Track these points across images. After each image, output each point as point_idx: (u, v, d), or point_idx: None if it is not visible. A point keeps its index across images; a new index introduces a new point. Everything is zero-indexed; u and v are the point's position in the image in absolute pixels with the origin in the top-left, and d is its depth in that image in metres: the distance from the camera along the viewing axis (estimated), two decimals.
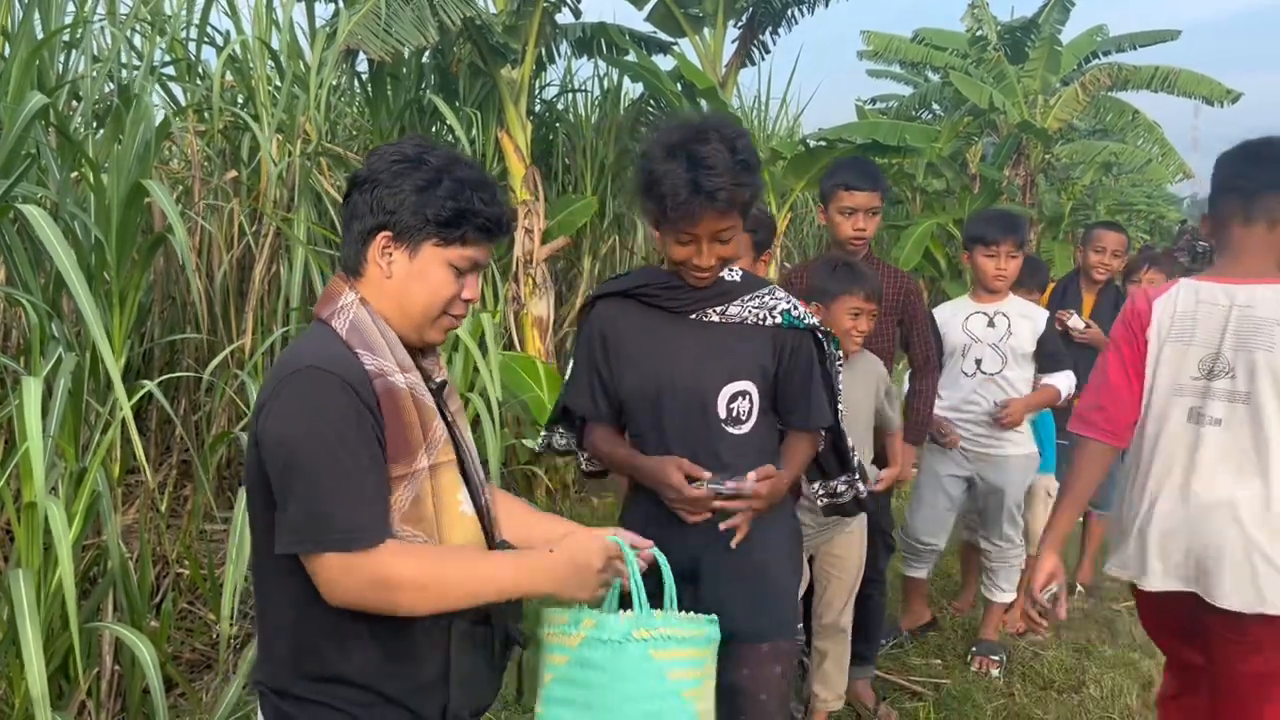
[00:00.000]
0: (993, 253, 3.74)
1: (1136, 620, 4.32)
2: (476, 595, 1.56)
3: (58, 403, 2.97)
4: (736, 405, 2.15)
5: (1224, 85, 11.92)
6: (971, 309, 3.87)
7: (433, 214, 1.58)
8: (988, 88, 10.54)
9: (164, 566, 3.89)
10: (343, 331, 1.58)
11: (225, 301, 4.60)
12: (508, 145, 6.02)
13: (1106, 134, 14.67)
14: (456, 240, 1.60)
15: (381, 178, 1.59)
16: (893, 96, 15.72)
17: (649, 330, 2.19)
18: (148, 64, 4.49)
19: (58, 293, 3.37)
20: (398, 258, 1.61)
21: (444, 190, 1.58)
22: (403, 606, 1.51)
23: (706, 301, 2.16)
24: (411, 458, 1.57)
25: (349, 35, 4.60)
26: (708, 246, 2.06)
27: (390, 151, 1.63)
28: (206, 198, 4.60)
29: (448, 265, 1.61)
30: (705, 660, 1.74)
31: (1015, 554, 3.92)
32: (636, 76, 7.07)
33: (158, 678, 2.67)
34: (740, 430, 2.17)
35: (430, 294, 1.62)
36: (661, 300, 2.18)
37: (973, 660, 3.89)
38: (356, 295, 1.62)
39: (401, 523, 1.55)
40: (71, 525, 2.72)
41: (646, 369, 2.18)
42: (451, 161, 1.62)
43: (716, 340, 2.16)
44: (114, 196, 3.29)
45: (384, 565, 1.49)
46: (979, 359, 3.80)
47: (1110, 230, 4.77)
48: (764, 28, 7.66)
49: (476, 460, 1.77)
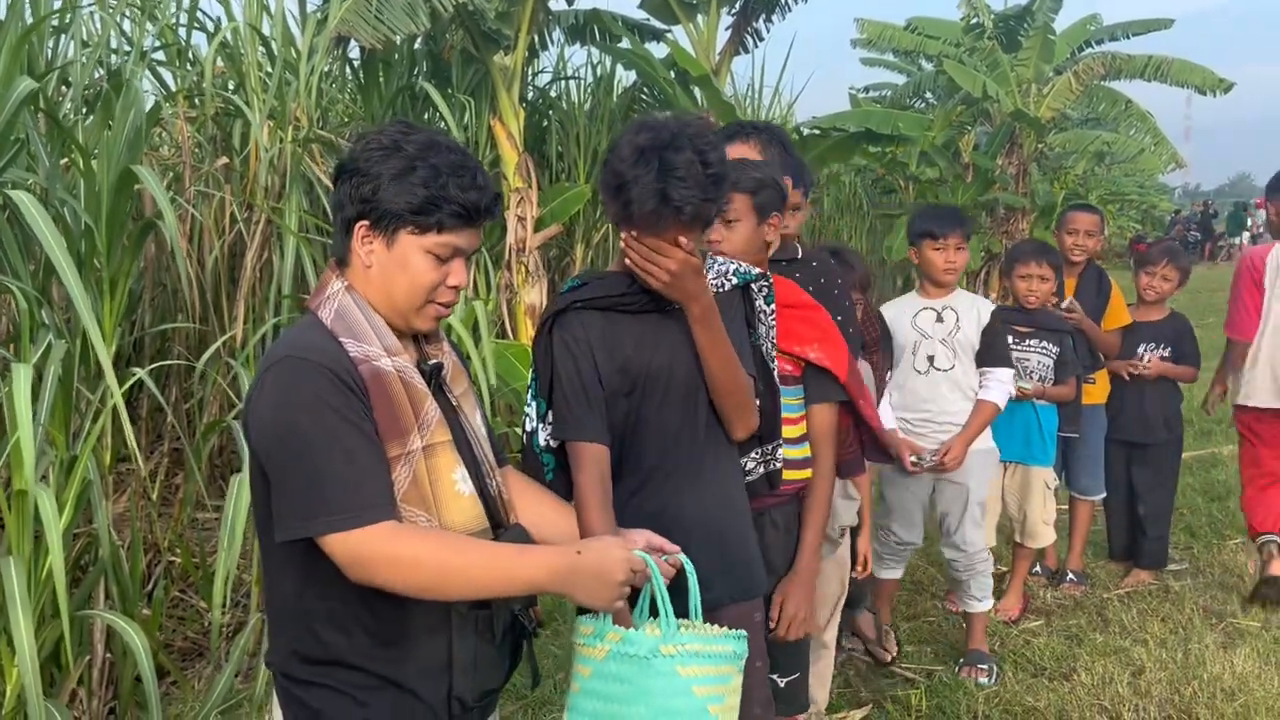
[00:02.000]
0: (941, 245, 3.68)
1: (1127, 608, 4.36)
2: (496, 585, 1.56)
3: (48, 390, 2.95)
4: None
5: (1216, 74, 11.93)
6: (919, 305, 3.77)
7: (405, 202, 1.57)
8: (981, 76, 10.52)
9: (155, 554, 3.88)
10: (328, 320, 1.60)
11: (217, 289, 4.58)
12: (500, 132, 6.00)
13: (1099, 123, 14.69)
14: (432, 228, 1.59)
15: (360, 166, 1.60)
16: (886, 85, 15.71)
17: (632, 333, 2.11)
18: (138, 49, 4.46)
19: (47, 279, 3.35)
20: (376, 247, 1.61)
21: (418, 177, 1.57)
22: (422, 587, 1.52)
23: None
24: (404, 439, 1.58)
25: (340, 22, 4.57)
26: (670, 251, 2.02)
27: (371, 139, 1.63)
28: (198, 184, 4.58)
29: (426, 253, 1.60)
30: (731, 676, 1.71)
31: (983, 562, 3.79)
32: (630, 64, 7.06)
33: (150, 665, 2.66)
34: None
35: (410, 282, 1.61)
36: (641, 305, 2.11)
37: (960, 670, 3.75)
38: (344, 284, 1.63)
39: (403, 502, 1.56)
40: (62, 513, 2.71)
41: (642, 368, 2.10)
42: (428, 147, 1.60)
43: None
44: (104, 182, 3.27)
45: (395, 544, 1.50)
46: (930, 355, 3.71)
47: (1082, 212, 4.74)
48: (757, 15, 7.64)
49: (484, 441, 1.77)
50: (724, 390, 2.08)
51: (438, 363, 1.72)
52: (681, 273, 1.95)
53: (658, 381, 2.10)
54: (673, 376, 2.10)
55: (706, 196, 1.93)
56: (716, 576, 2.12)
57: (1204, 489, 6.06)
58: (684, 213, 1.92)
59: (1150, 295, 4.75)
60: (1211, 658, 3.77)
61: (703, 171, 1.92)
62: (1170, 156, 12.67)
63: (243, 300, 4.43)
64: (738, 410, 2.11)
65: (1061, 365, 4.12)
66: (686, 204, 1.91)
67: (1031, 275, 4.13)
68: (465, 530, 1.62)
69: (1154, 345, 4.68)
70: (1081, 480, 4.68)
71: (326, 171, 4.92)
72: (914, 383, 3.74)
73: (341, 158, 1.67)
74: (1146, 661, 3.77)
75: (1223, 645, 3.93)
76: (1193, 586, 4.58)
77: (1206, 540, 5.19)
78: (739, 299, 2.23)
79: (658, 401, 2.11)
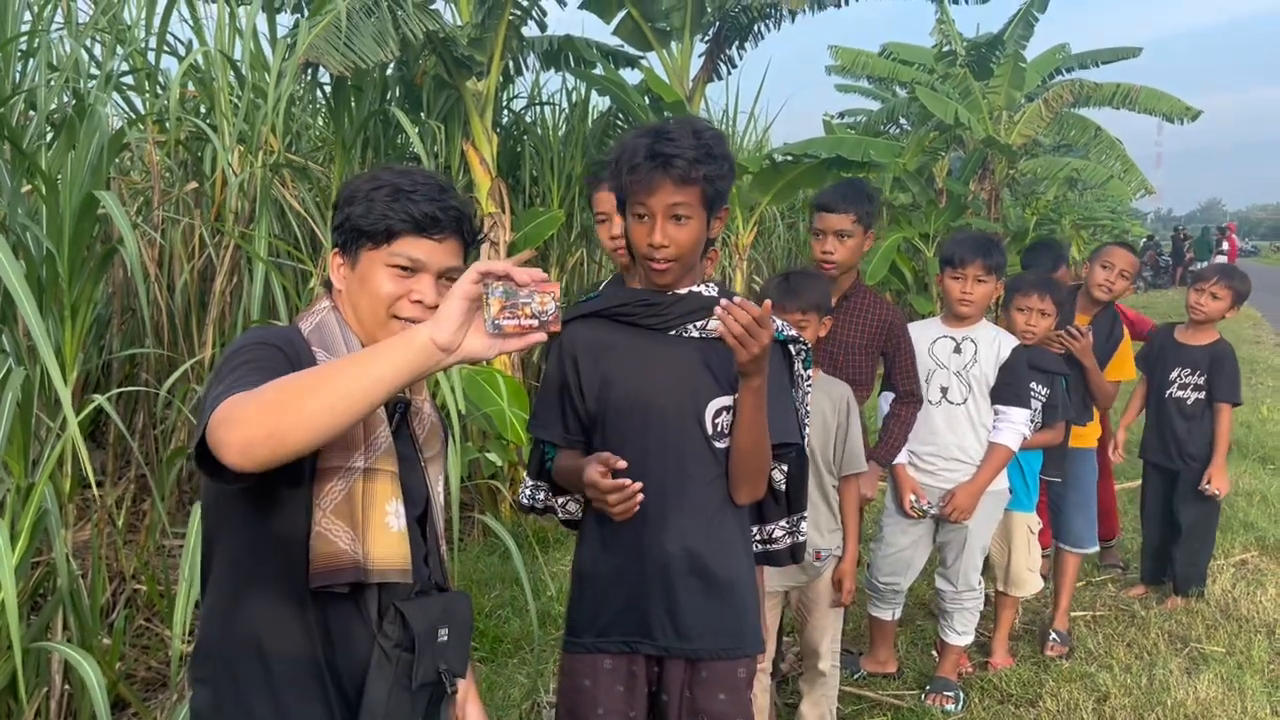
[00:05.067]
0: (959, 275, 3.53)
1: (1093, 632, 4.38)
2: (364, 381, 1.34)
3: (5, 417, 2.92)
4: (721, 420, 2.13)
5: (1184, 102, 12.13)
6: (939, 332, 3.66)
7: (358, 220, 1.67)
8: (953, 103, 10.66)
9: (120, 583, 3.83)
10: (305, 331, 1.68)
11: (186, 314, 4.55)
12: (473, 157, 6.01)
13: (1070, 150, 14.87)
14: (384, 239, 1.65)
15: (340, 204, 1.72)
16: (860, 111, 15.86)
17: (630, 349, 2.16)
18: (105, 73, 4.44)
19: (8, 304, 3.32)
20: (344, 272, 1.73)
21: (370, 197, 1.67)
22: (283, 432, 1.31)
23: (685, 317, 2.13)
24: (348, 453, 1.58)
25: (309, 49, 4.56)
26: (662, 223, 2.03)
27: (355, 179, 1.75)
28: (167, 209, 4.55)
29: (385, 266, 1.66)
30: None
31: (972, 600, 3.74)
32: (604, 90, 7.09)
33: (104, 699, 2.61)
34: (724, 444, 2.14)
35: (371, 296, 1.67)
36: (639, 318, 2.15)
37: (927, 696, 3.74)
38: (330, 304, 1.73)
39: (332, 514, 1.55)
40: (17, 543, 2.67)
41: (631, 388, 2.14)
42: (399, 174, 1.70)
43: (699, 355, 2.13)
44: (66, 208, 3.25)
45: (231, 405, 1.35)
46: (944, 387, 3.59)
47: (1124, 249, 4.42)
48: (730, 42, 7.70)
49: (439, 508, 1.80)
50: (746, 454, 2.11)
51: (405, 400, 1.74)
52: (769, 347, 1.98)
53: (641, 398, 2.13)
54: (666, 398, 2.12)
55: (697, 158, 1.98)
56: (703, 624, 2.13)
57: None
58: (673, 166, 1.97)
59: (1198, 315, 4.57)
60: (1176, 683, 3.79)
61: (695, 140, 1.99)
62: (1139, 183, 12.84)
63: (212, 325, 4.40)
64: (753, 476, 2.15)
65: (1050, 409, 3.86)
66: (676, 158, 1.96)
67: (1031, 308, 3.87)
68: (387, 567, 1.59)
69: (1188, 371, 4.56)
70: (1073, 531, 4.37)
71: (297, 197, 4.90)
72: (925, 413, 3.59)
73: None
74: (1111, 687, 3.78)
75: (1187, 671, 3.96)
76: (1158, 612, 4.61)
77: None
78: (780, 355, 2.21)
79: (641, 420, 2.13)
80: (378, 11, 5.05)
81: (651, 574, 2.13)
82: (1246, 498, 6.37)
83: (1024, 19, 12.08)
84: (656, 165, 1.98)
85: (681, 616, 2.13)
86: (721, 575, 2.16)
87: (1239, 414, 8.81)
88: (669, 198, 2.01)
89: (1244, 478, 6.81)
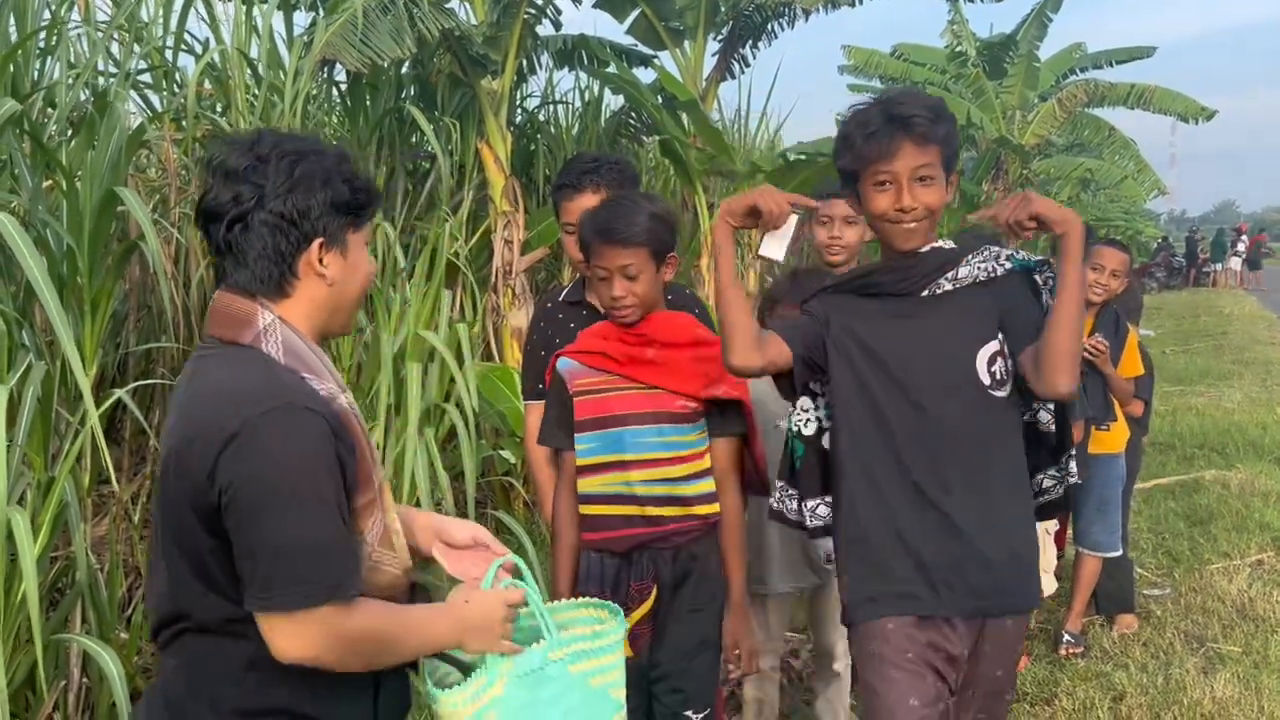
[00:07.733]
0: None
1: (1107, 632, 4.36)
2: (418, 651, 1.60)
3: (26, 412, 2.94)
4: (996, 367, 2.08)
5: (1199, 103, 12.08)
6: None
7: (341, 201, 1.54)
8: (966, 103, 10.64)
9: (136, 577, 3.85)
10: (280, 357, 1.49)
11: (201, 310, 4.57)
12: (488, 156, 6.02)
13: (1084, 150, 14.82)
14: (365, 215, 1.60)
15: (265, 189, 1.47)
16: None
17: (892, 316, 2.10)
18: (124, 71, 4.46)
19: (29, 300, 3.34)
20: (331, 260, 1.54)
21: (336, 175, 1.53)
22: (361, 663, 1.50)
23: (934, 274, 2.08)
24: (371, 481, 1.55)
25: (325, 46, 4.58)
26: (909, 186, 1.98)
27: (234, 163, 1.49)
28: (183, 206, 4.58)
29: (366, 245, 1.62)
30: (618, 656, 1.78)
31: None
32: (617, 89, 7.10)
33: (124, 691, 2.64)
34: (1003, 393, 2.08)
35: (364, 279, 1.63)
36: (888, 286, 2.10)
37: None
38: (275, 316, 1.51)
39: (381, 546, 1.55)
40: (38, 536, 2.69)
41: (900, 356, 2.08)
42: (303, 146, 1.54)
43: (959, 306, 2.08)
44: (87, 204, 3.27)
45: (362, 619, 1.47)
46: None
47: (1111, 248, 4.32)
48: (744, 41, 7.71)
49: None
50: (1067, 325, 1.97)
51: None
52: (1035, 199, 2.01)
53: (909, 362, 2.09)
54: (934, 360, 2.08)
55: (934, 117, 2.01)
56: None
57: (1186, 513, 6.08)
58: (913, 125, 1.98)
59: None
60: (1192, 683, 3.78)
61: (926, 101, 2.04)
62: (1153, 183, 12.80)
63: None
64: (1071, 357, 1.98)
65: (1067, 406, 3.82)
66: (914, 117, 1.98)
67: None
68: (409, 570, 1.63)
69: None
70: (1092, 534, 4.27)
71: None
72: None
73: (220, 189, 1.50)
74: (1127, 686, 3.77)
75: (1203, 670, 3.94)
76: (1174, 611, 4.59)
77: (1188, 565, 5.20)
78: (1021, 281, 2.15)
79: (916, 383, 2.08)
80: (394, 9, 5.07)
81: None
82: (1263, 498, 6.33)
83: (1038, 19, 12.05)
84: (896, 128, 1.96)
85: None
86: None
87: (1256, 415, 8.80)
88: (913, 160, 1.98)
89: (1260, 478, 6.76)
